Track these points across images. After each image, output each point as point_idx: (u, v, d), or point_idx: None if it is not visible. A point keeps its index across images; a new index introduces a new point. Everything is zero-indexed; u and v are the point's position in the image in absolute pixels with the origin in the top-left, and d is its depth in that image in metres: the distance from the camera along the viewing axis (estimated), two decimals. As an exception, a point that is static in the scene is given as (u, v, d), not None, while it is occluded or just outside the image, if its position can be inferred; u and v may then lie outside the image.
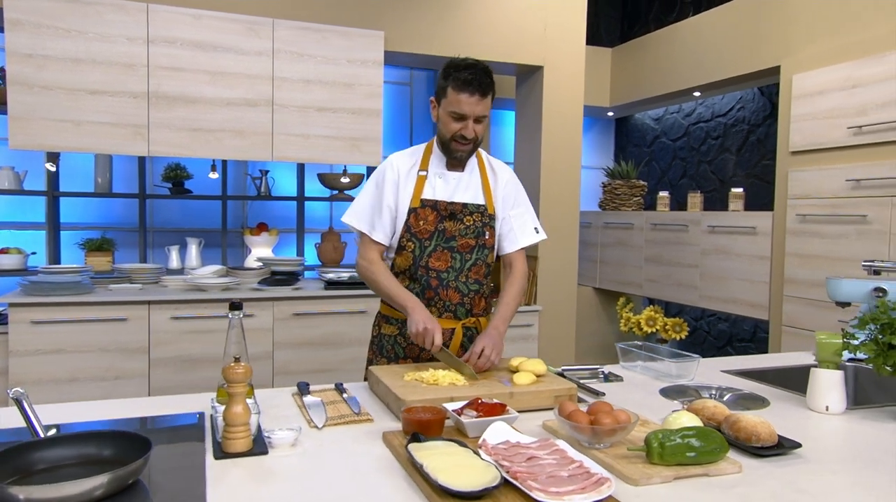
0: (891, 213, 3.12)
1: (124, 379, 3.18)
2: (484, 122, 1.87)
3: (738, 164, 4.76)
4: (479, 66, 1.82)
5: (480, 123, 1.87)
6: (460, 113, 1.83)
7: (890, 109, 3.14)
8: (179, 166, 4.08)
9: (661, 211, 4.87)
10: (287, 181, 4.55)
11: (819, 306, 3.46)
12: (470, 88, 1.79)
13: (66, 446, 1.14)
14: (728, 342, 4.90)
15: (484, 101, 1.83)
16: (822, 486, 1.15)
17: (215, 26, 3.38)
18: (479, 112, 1.83)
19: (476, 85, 1.79)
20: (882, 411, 1.63)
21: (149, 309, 3.20)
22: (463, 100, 1.81)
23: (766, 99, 4.53)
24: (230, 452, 1.25)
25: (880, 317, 1.53)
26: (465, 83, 1.79)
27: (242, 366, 1.26)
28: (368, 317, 3.55)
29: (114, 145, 3.27)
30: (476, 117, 1.84)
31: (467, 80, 1.79)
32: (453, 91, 1.82)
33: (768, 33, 3.94)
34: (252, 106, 3.46)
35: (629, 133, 5.95)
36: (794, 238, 3.62)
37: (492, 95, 1.86)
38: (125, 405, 1.58)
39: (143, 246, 4.13)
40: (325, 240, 4.41)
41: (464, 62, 1.83)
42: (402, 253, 1.95)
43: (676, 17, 5.20)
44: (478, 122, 1.86)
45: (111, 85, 3.24)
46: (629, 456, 1.24)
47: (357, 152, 3.68)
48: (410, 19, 3.85)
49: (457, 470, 1.09)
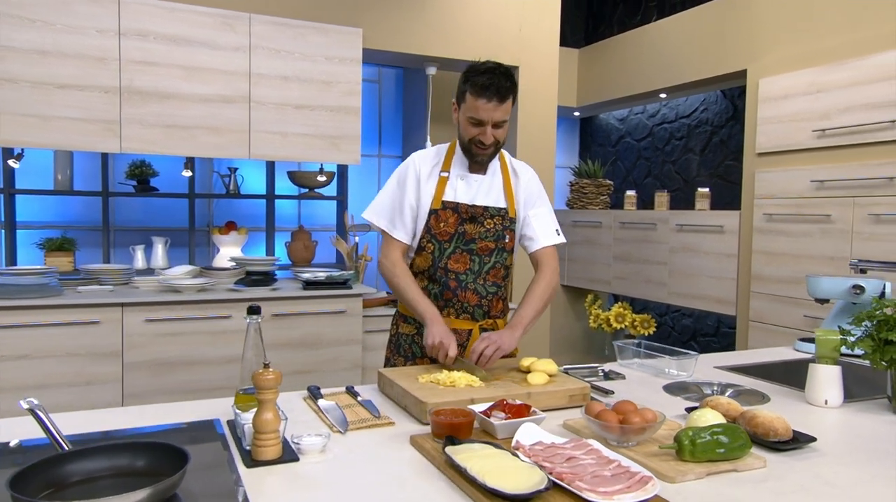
0: (853, 213, 3.27)
1: (96, 384, 3.07)
2: (504, 126, 1.86)
3: (701, 165, 4.90)
4: (498, 70, 1.81)
5: (500, 128, 1.85)
6: (478, 118, 1.82)
7: (852, 114, 3.29)
8: (145, 163, 3.95)
9: (628, 209, 4.97)
10: (255, 179, 4.47)
11: (785, 302, 3.60)
12: (487, 94, 1.78)
13: (98, 458, 1.10)
14: (692, 337, 5.05)
15: (502, 107, 1.81)
16: (845, 479, 1.20)
17: (190, 20, 3.29)
18: (498, 118, 1.82)
19: (494, 90, 1.78)
20: (873, 403, 1.71)
21: (122, 311, 3.09)
22: (480, 105, 1.80)
23: (728, 101, 4.69)
24: (261, 460, 1.23)
25: (876, 315, 1.61)
26: (483, 88, 1.78)
27: (272, 372, 1.24)
28: (348, 318, 3.52)
29: (84, 142, 3.14)
30: (495, 122, 1.83)
31: (485, 85, 1.78)
32: (471, 96, 1.81)
33: (735, 38, 4.07)
34: (228, 102, 3.38)
35: (594, 133, 6.06)
36: (761, 236, 3.75)
37: (513, 99, 1.84)
38: (127, 413, 1.53)
39: (107, 245, 3.99)
40: (296, 239, 4.35)
41: (483, 66, 1.82)
42: (421, 253, 1.95)
43: (640, 19, 5.32)
44: (497, 126, 1.84)
45: (81, 79, 3.11)
46: (659, 453, 1.27)
47: (336, 151, 3.64)
48: (388, 17, 3.83)
49: (502, 473, 1.10)
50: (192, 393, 3.20)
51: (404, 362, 2.00)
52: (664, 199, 4.69)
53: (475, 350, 1.71)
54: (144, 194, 3.94)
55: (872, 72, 3.20)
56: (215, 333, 3.25)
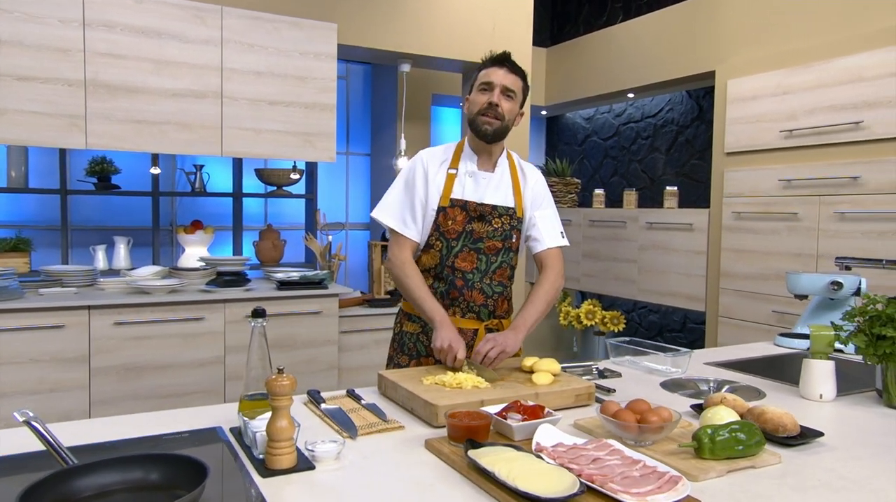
0: (819, 211, 3.38)
1: (61, 391, 2.93)
2: (512, 101, 1.89)
3: (667, 163, 4.99)
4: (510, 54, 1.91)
5: (509, 100, 1.88)
6: (487, 81, 1.87)
7: (817, 115, 3.40)
8: (106, 160, 3.80)
9: (597, 208, 5.03)
10: (220, 176, 4.35)
11: (753, 298, 3.70)
12: (500, 62, 1.88)
13: (109, 471, 1.03)
14: (658, 333, 5.15)
15: (512, 76, 1.87)
16: (858, 472, 1.22)
17: (159, 11, 3.17)
18: (508, 83, 1.87)
19: (504, 60, 1.87)
20: (862, 396, 1.76)
21: (88, 314, 2.96)
22: (492, 72, 1.88)
23: (694, 101, 4.78)
24: (276, 469, 1.18)
25: (868, 310, 1.65)
26: (495, 59, 1.89)
27: (287, 378, 1.19)
28: (323, 318, 3.46)
29: (47, 137, 2.99)
30: (504, 88, 1.86)
31: (497, 57, 1.89)
32: (484, 69, 1.90)
33: (703, 40, 4.16)
34: (199, 98, 3.27)
35: (560, 132, 6.11)
36: (730, 234, 3.84)
37: (523, 85, 1.91)
38: (124, 423, 1.46)
39: (66, 246, 3.82)
40: (264, 238, 4.25)
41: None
42: (429, 251, 1.93)
43: (606, 20, 5.39)
44: (506, 95, 1.87)
45: (42, 71, 2.96)
46: (677, 452, 1.27)
47: (311, 148, 3.56)
48: (363, 13, 3.77)
49: (531, 476, 1.08)
50: (164, 398, 3.10)
51: (408, 361, 1.98)
52: (632, 198, 4.76)
53: (479, 351, 1.70)
54: (106, 192, 3.79)
55: (837, 75, 3.31)
56: (187, 336, 3.15)
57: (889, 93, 3.08)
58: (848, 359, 2.11)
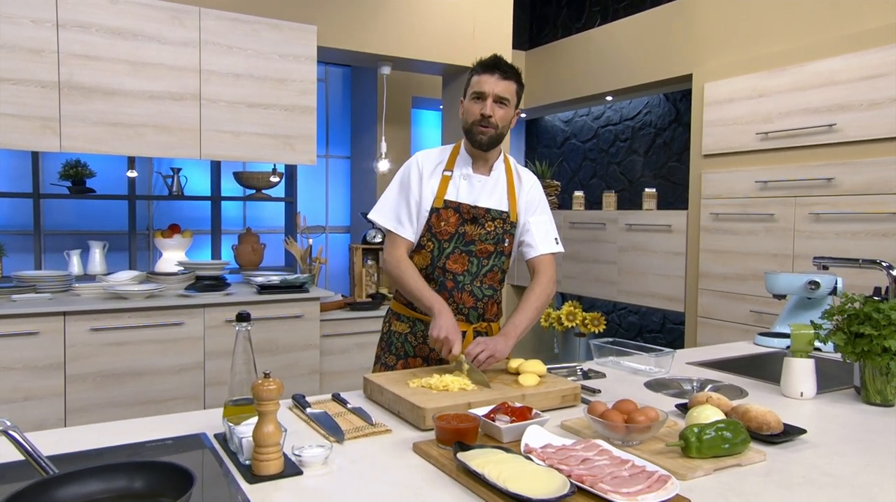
0: (795, 212, 3.43)
1: (35, 399, 2.87)
2: (505, 108, 1.87)
3: (645, 166, 5.04)
4: (501, 57, 1.88)
5: (502, 107, 1.86)
6: (480, 90, 1.84)
7: (792, 118, 3.45)
8: (80, 163, 3.74)
9: (576, 209, 5.06)
10: (198, 180, 4.31)
11: (731, 298, 3.75)
12: (490, 68, 1.84)
13: (91, 481, 1.00)
14: (639, 333, 5.19)
15: (505, 83, 1.84)
16: (841, 469, 1.24)
17: (135, 12, 3.12)
18: (500, 91, 1.84)
19: (495, 66, 1.84)
20: (841, 394, 1.79)
21: (64, 320, 2.91)
22: (483, 79, 1.84)
23: (671, 104, 4.84)
24: (263, 474, 1.17)
25: (846, 309, 1.68)
26: (486, 65, 1.85)
27: (274, 382, 1.18)
28: (304, 322, 3.43)
29: (19, 139, 2.93)
30: (496, 97, 1.84)
31: (488, 63, 1.85)
32: (475, 75, 1.87)
33: (680, 44, 4.21)
34: (177, 100, 3.23)
35: (539, 134, 6.14)
36: (708, 235, 3.89)
37: (517, 88, 1.88)
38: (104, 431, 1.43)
39: (39, 251, 3.75)
40: (243, 242, 4.21)
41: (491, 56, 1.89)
42: (420, 251, 1.94)
43: (584, 24, 5.43)
44: (499, 103, 1.85)
45: (14, 72, 2.90)
46: (664, 451, 1.28)
47: (290, 151, 3.54)
48: (343, 15, 3.76)
49: (521, 477, 1.08)
50: (143, 405, 3.05)
51: (395, 360, 1.98)
52: (612, 200, 4.80)
53: (469, 353, 1.70)
54: (80, 196, 3.73)
55: (811, 78, 3.37)
56: (166, 341, 3.10)
57: (861, 96, 3.14)
58: (825, 358, 2.14)
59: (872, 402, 1.67)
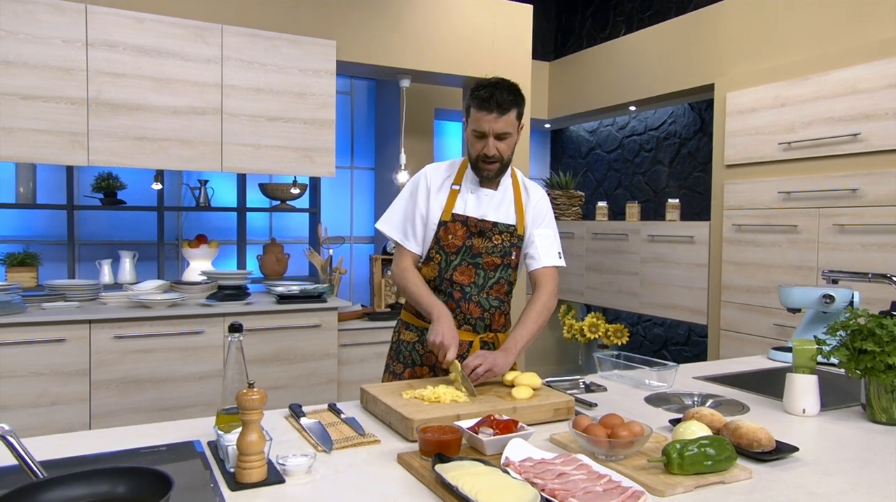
0: (818, 223, 3.36)
1: (62, 404, 2.97)
2: (508, 139, 1.88)
3: (670, 176, 4.98)
4: (501, 85, 1.84)
5: (503, 141, 1.87)
6: (480, 130, 1.85)
7: (815, 127, 3.38)
8: (112, 176, 3.87)
9: (600, 220, 5.03)
10: (226, 191, 4.41)
11: (755, 311, 3.67)
12: (487, 106, 1.82)
13: (76, 485, 1.05)
14: (664, 346, 5.12)
15: (504, 118, 1.83)
16: (829, 488, 1.22)
17: (159, 31, 3.23)
18: (499, 129, 1.84)
19: (493, 102, 1.81)
20: (848, 411, 1.75)
21: (89, 328, 3.01)
22: (481, 117, 1.84)
23: (696, 114, 4.78)
24: (246, 482, 1.20)
25: (850, 324, 1.64)
26: (482, 101, 1.83)
27: (257, 392, 1.21)
28: (322, 332, 3.48)
29: (49, 154, 3.06)
30: (496, 134, 1.85)
31: (484, 97, 1.82)
32: (474, 109, 1.86)
33: (702, 53, 4.16)
34: (200, 114, 3.33)
35: (565, 145, 6.13)
36: (731, 246, 3.83)
37: (517, 112, 1.87)
38: (104, 436, 1.48)
39: (73, 260, 3.88)
40: (268, 252, 4.29)
41: (487, 81, 1.86)
42: (428, 263, 1.98)
43: (609, 34, 5.41)
44: (500, 139, 1.86)
45: (46, 90, 3.03)
46: (647, 467, 1.27)
47: (310, 163, 3.60)
48: (362, 29, 3.82)
49: (494, 491, 1.09)
50: (163, 411, 3.13)
51: (403, 369, 2.02)
52: (635, 210, 4.75)
53: (468, 366, 1.71)
54: (112, 207, 3.85)
55: (834, 87, 3.30)
56: (187, 349, 3.18)
57: (886, 105, 3.07)
58: (841, 373, 2.09)
59: (878, 421, 1.63)
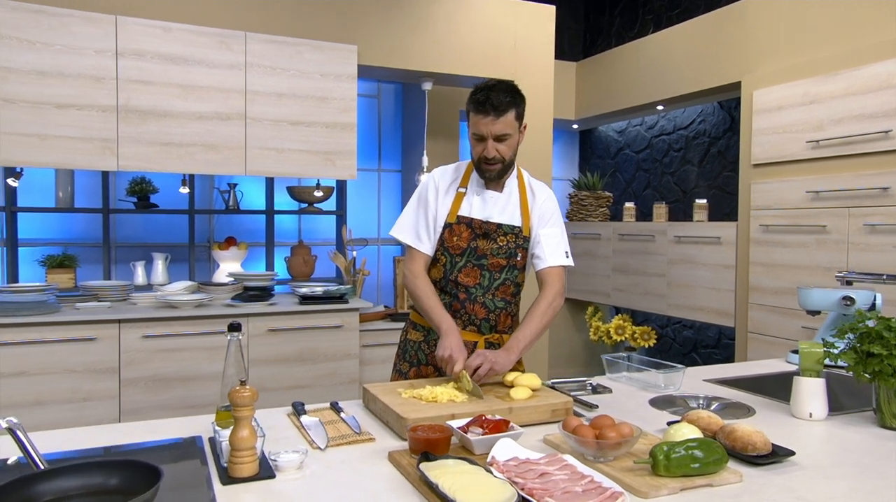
0: (848, 223, 3.26)
1: (93, 401, 3.09)
2: (508, 140, 1.88)
3: (700, 176, 4.90)
4: (497, 87, 1.84)
5: (503, 142, 1.88)
6: (479, 134, 1.88)
7: (845, 125, 3.29)
8: (145, 180, 4.00)
9: (627, 221, 4.98)
10: (256, 194, 4.50)
11: (783, 313, 3.59)
12: (484, 108, 1.83)
13: (71, 477, 1.10)
14: (693, 348, 5.03)
15: (501, 120, 1.84)
16: (820, 493, 1.19)
17: (186, 39, 3.33)
18: (497, 131, 1.85)
19: (489, 105, 1.82)
20: (860, 416, 1.70)
21: (119, 327, 3.12)
22: (479, 121, 1.86)
23: (725, 112, 4.69)
24: (237, 477, 1.23)
25: (858, 327, 1.60)
26: (479, 104, 1.84)
27: (248, 390, 1.25)
28: (344, 332, 3.53)
29: (81, 160, 3.18)
30: (495, 136, 1.86)
31: (480, 100, 1.84)
32: (471, 113, 1.88)
33: (729, 50, 4.09)
34: (224, 120, 3.42)
35: (593, 145, 6.08)
36: (758, 247, 3.74)
37: (516, 113, 1.87)
38: (115, 431, 1.54)
39: (108, 262, 4.02)
40: (295, 254, 4.37)
41: (484, 83, 1.87)
42: (435, 265, 2.01)
43: (637, 32, 5.35)
44: (499, 140, 1.87)
45: (78, 98, 3.15)
46: (634, 468, 1.27)
47: (331, 166, 3.66)
48: (383, 34, 3.87)
49: (473, 489, 1.10)
50: (190, 408, 3.22)
51: (409, 368, 2.06)
52: (662, 211, 4.69)
53: (469, 366, 1.73)
54: (145, 211, 3.98)
55: (865, 82, 3.20)
56: (212, 349, 3.26)
57: (918, 100, 2.97)
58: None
59: (888, 426, 1.59)
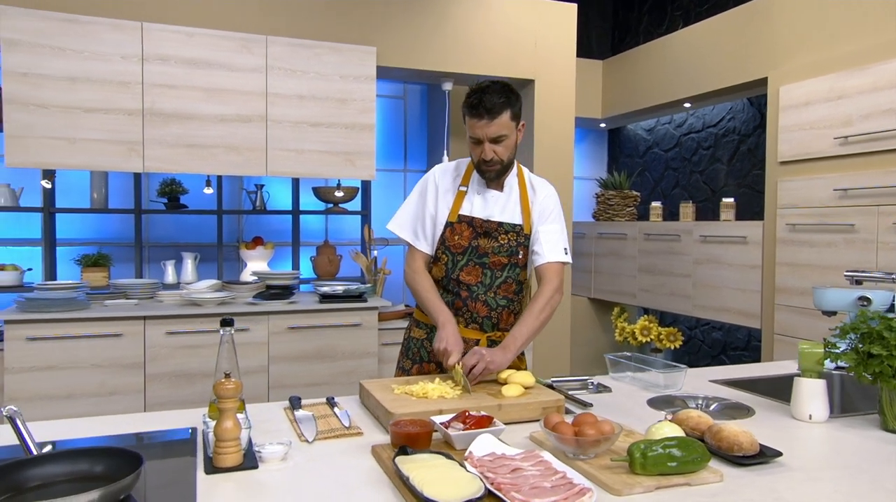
0: (877, 222, 3.16)
1: (119, 394, 3.20)
2: (504, 141, 1.89)
3: (729, 174, 4.80)
4: (490, 88, 1.85)
5: (499, 144, 1.89)
6: (474, 137, 1.89)
7: (874, 120, 3.19)
8: (175, 181, 4.11)
9: (654, 221, 4.90)
10: (282, 195, 4.59)
11: (810, 314, 3.49)
12: (477, 112, 1.84)
13: (59, 463, 1.16)
14: (722, 350, 4.93)
15: (496, 122, 1.84)
16: (801, 494, 1.17)
17: (209, 44, 3.42)
18: (492, 133, 1.86)
19: (482, 108, 1.83)
20: (864, 419, 1.65)
21: (144, 324, 3.22)
22: (474, 124, 1.87)
23: (755, 109, 4.58)
24: (221, 467, 1.27)
25: (860, 327, 1.56)
26: (472, 107, 1.86)
27: (232, 382, 1.29)
28: (363, 330, 3.57)
29: (108, 162, 3.30)
30: (490, 138, 1.87)
31: (473, 104, 1.85)
32: (466, 116, 1.90)
33: (755, 46, 3.99)
34: (246, 122, 3.50)
35: (622, 144, 6.00)
36: (785, 247, 3.65)
37: (511, 113, 1.87)
38: (119, 421, 1.60)
39: (140, 261, 4.15)
40: (321, 254, 4.44)
41: (477, 86, 1.88)
42: (436, 263, 2.03)
43: (666, 29, 5.27)
44: (496, 142, 1.88)
45: (106, 103, 3.27)
46: (613, 466, 1.26)
47: (351, 167, 3.71)
48: (402, 35, 3.90)
49: (442, 483, 1.12)
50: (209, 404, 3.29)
51: (411, 365, 2.09)
52: (689, 210, 4.61)
53: (465, 363, 1.74)
54: (175, 211, 4.10)
55: (894, 76, 3.09)
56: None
57: (950, 93, 2.85)
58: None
59: (891, 429, 1.54)
